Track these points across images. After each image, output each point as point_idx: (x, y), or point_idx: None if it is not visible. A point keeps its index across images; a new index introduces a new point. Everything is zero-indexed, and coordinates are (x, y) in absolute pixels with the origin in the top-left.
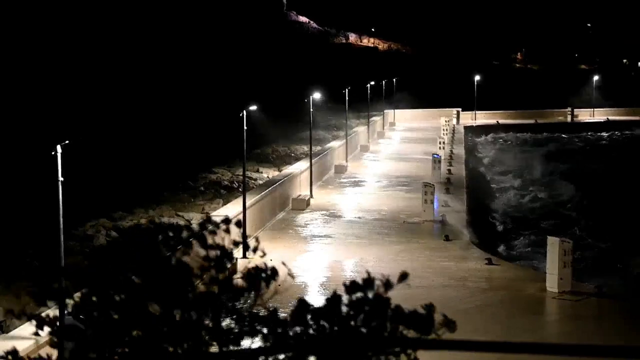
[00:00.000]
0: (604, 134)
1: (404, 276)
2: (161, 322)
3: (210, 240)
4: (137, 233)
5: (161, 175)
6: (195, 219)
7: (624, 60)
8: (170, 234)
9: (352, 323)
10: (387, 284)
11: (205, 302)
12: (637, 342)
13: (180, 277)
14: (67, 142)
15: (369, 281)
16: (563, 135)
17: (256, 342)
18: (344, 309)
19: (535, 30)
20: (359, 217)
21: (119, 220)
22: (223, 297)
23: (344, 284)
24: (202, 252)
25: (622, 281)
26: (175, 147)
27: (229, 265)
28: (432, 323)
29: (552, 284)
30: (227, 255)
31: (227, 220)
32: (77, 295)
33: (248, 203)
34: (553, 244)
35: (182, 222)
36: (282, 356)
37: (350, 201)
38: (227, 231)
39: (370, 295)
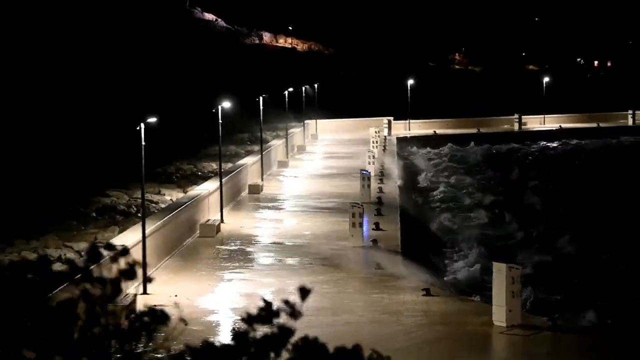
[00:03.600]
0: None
1: (305, 292)
2: None
3: (97, 275)
4: (14, 269)
5: (46, 199)
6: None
7: (579, 59)
8: (47, 270)
9: None
10: (294, 313)
11: (92, 348)
12: None
13: (62, 319)
14: None
15: (270, 310)
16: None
17: None
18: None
19: (476, 26)
20: (277, 244)
21: None
22: (112, 342)
23: (242, 317)
24: (89, 288)
25: (579, 312)
26: (62, 167)
27: (125, 303)
28: None
29: (499, 317)
30: (116, 291)
31: (114, 250)
32: None
33: (148, 230)
34: (499, 270)
35: (69, 254)
36: None
37: (267, 226)
38: (115, 260)
39: (274, 325)
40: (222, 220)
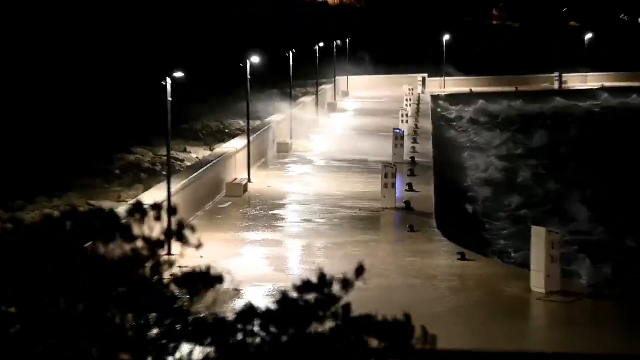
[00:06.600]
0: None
1: (360, 271)
2: (78, 325)
3: (138, 231)
4: (53, 222)
5: (68, 156)
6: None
7: (622, 16)
8: (90, 223)
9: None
10: (345, 283)
11: (131, 303)
12: (639, 351)
13: (100, 274)
14: None
15: (323, 280)
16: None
17: (196, 351)
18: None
19: None
20: (306, 205)
21: (18, 211)
22: (153, 298)
23: (294, 285)
24: (128, 243)
25: (621, 279)
26: (85, 122)
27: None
28: (411, 335)
29: (537, 282)
30: (158, 246)
31: (157, 207)
32: None
33: (174, 189)
34: (538, 235)
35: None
36: None
37: (296, 186)
38: (159, 218)
39: (325, 295)
40: (249, 180)
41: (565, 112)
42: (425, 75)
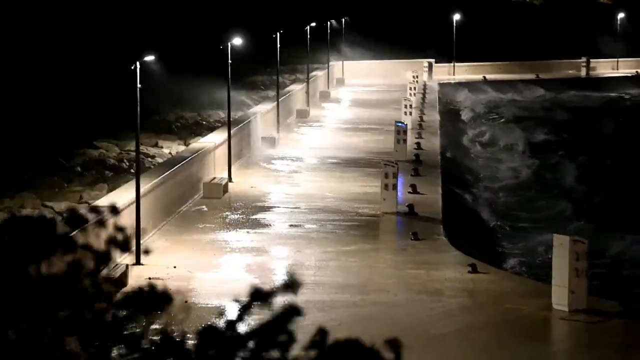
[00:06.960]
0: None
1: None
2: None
3: (83, 240)
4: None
5: (21, 150)
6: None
7: None
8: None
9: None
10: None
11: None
12: None
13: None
14: None
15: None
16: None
17: None
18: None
19: None
20: (294, 208)
21: None
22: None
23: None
24: (70, 256)
25: None
26: (43, 112)
27: (115, 275)
28: None
29: (560, 299)
30: (104, 259)
31: (113, 210)
32: None
33: (143, 189)
34: (561, 244)
35: (49, 215)
36: None
37: (283, 186)
38: (102, 224)
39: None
40: (230, 179)
41: (590, 105)
42: (432, 60)
